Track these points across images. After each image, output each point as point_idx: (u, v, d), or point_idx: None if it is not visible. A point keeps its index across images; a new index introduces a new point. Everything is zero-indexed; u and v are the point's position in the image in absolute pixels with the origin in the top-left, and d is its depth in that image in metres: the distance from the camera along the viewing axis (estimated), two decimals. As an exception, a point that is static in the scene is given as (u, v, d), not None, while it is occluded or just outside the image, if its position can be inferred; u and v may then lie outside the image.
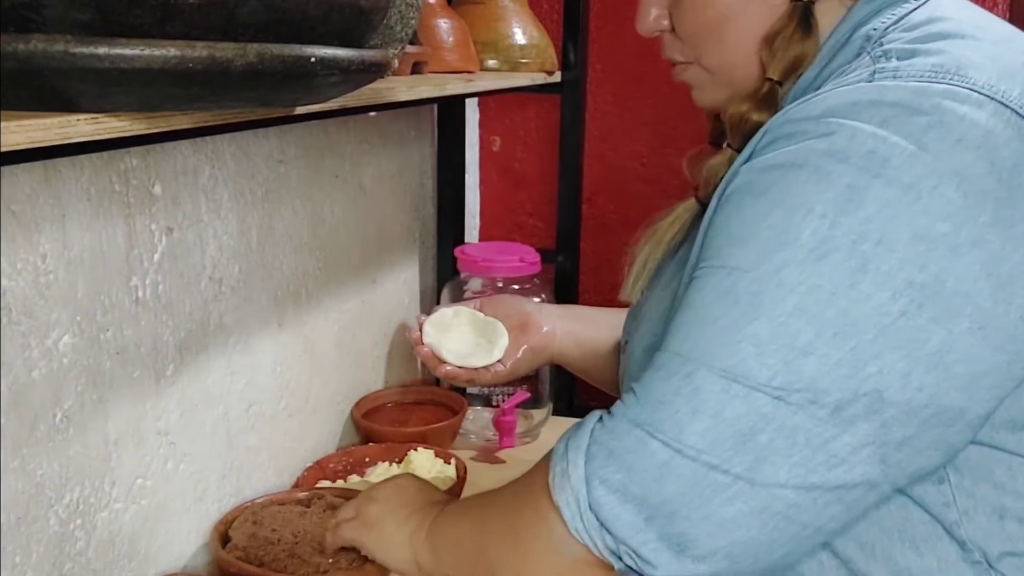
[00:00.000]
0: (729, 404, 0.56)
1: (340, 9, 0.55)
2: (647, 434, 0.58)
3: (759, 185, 0.60)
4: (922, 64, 0.59)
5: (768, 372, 0.56)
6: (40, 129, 0.46)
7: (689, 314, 0.60)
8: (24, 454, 0.77)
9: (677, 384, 0.58)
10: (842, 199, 0.56)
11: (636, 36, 0.78)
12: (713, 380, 0.57)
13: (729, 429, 0.56)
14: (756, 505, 0.57)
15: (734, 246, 0.59)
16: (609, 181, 1.63)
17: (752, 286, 0.57)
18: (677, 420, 0.57)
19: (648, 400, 0.59)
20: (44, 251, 0.77)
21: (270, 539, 0.96)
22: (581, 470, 0.60)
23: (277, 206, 1.10)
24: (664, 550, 0.58)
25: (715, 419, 0.56)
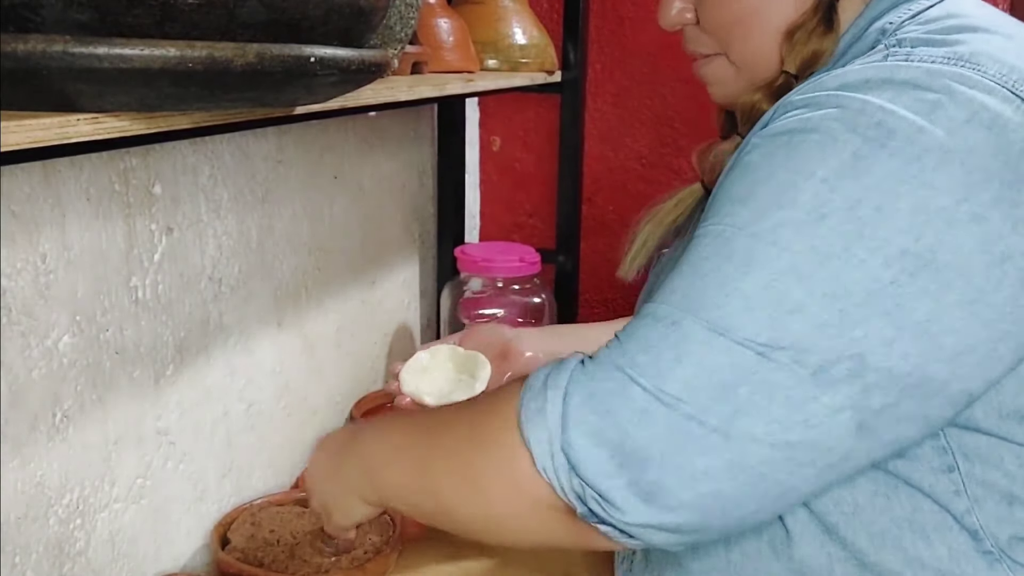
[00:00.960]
0: (712, 355, 0.56)
1: (340, 9, 0.55)
2: (628, 378, 0.57)
3: (766, 148, 0.60)
4: (935, 51, 0.60)
5: (754, 327, 0.56)
6: (40, 129, 0.46)
7: (683, 268, 0.60)
8: (24, 454, 0.77)
9: (663, 331, 0.58)
10: (846, 165, 0.56)
11: (636, 36, 0.78)
12: (699, 330, 0.57)
13: (709, 380, 0.56)
14: (729, 458, 0.56)
15: (734, 204, 0.59)
16: (609, 181, 1.63)
17: (747, 242, 0.57)
18: (659, 367, 0.57)
19: (632, 345, 0.59)
20: (44, 251, 0.77)
21: (269, 540, 0.96)
22: (559, 408, 0.58)
23: (277, 206, 1.10)
24: (633, 496, 0.57)
25: (697, 369, 0.56)
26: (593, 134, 1.62)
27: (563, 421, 0.58)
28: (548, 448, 0.58)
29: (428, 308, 1.58)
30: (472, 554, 1.05)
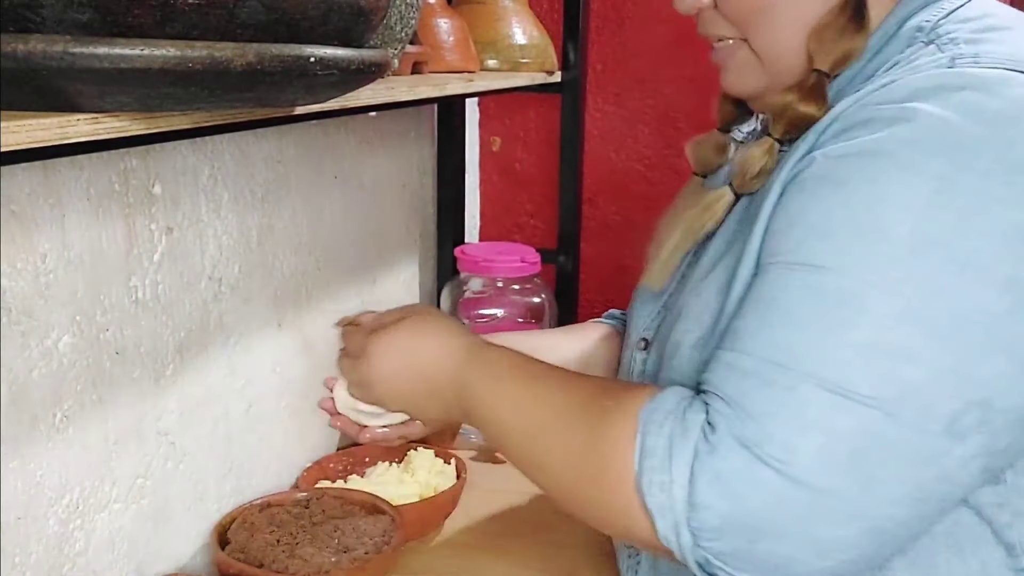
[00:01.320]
0: (838, 421, 0.53)
1: (340, 9, 0.55)
2: (756, 458, 0.54)
3: (839, 174, 0.57)
4: (998, 51, 0.58)
5: (875, 384, 0.53)
6: (40, 129, 0.46)
7: (773, 315, 0.57)
8: (24, 454, 0.77)
9: (780, 396, 0.55)
10: (934, 192, 0.53)
11: (636, 36, 0.78)
12: (819, 393, 0.53)
13: (841, 448, 0.53)
14: (869, 526, 0.54)
15: (817, 240, 0.56)
16: (610, 182, 1.63)
17: (846, 285, 0.54)
18: (786, 440, 0.54)
19: (750, 414, 0.55)
20: (44, 251, 0.77)
21: (269, 540, 0.96)
22: (684, 491, 0.56)
23: (277, 206, 1.10)
24: (761, 568, 0.56)
25: (825, 439, 0.53)
26: (594, 134, 1.62)
27: (690, 502, 0.56)
28: (673, 524, 0.57)
29: (428, 308, 1.58)
30: (473, 553, 1.05)
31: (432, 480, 1.12)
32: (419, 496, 1.09)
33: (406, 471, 1.14)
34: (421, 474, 1.13)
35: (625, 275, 1.05)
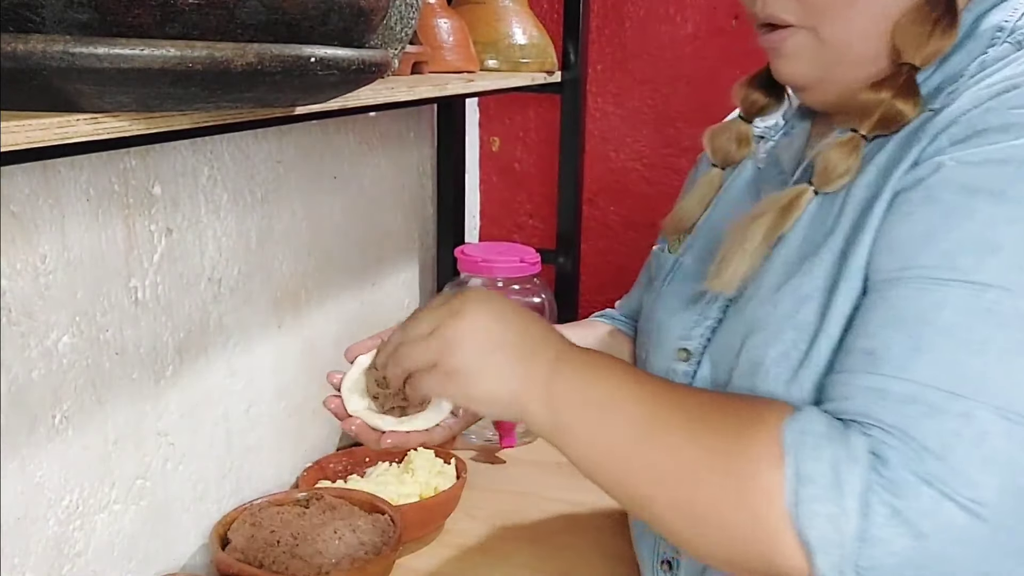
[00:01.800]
0: (1020, 450, 0.51)
1: (340, 9, 0.55)
2: (940, 494, 0.52)
3: (988, 183, 0.55)
4: None
5: None
6: (39, 129, 0.46)
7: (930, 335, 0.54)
8: (23, 455, 0.77)
9: (954, 427, 0.52)
10: None
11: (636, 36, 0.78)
12: (996, 422, 0.51)
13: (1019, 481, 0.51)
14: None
15: (975, 255, 0.54)
16: (610, 182, 1.63)
17: (1015, 304, 0.52)
18: (968, 474, 0.51)
19: (926, 447, 0.52)
20: (44, 252, 0.77)
21: (269, 540, 0.96)
22: (857, 525, 0.53)
23: (276, 207, 1.10)
24: None
25: (1009, 470, 0.51)
26: (594, 134, 1.62)
27: (863, 538, 0.53)
28: (839, 560, 0.53)
29: (428, 308, 1.58)
30: (472, 554, 1.05)
31: (432, 480, 1.12)
32: (419, 496, 1.09)
33: (406, 471, 1.14)
34: (421, 474, 1.13)
35: (625, 275, 1.05)
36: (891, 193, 0.60)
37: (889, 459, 0.53)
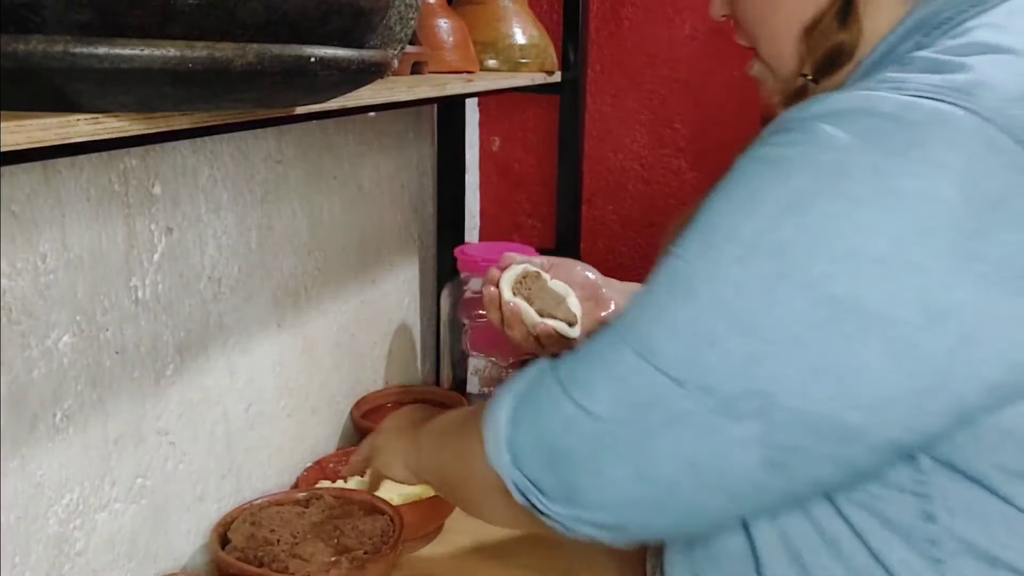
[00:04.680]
0: (634, 378, 0.59)
1: (340, 9, 0.55)
2: (563, 391, 0.62)
3: (739, 175, 0.60)
4: (931, 80, 0.56)
5: (673, 356, 0.58)
6: (40, 129, 0.46)
7: (643, 289, 0.63)
8: (24, 454, 0.77)
9: (602, 350, 0.62)
10: (789, 203, 0.55)
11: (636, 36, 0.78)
12: (629, 353, 0.60)
13: (629, 399, 0.59)
14: (640, 472, 0.60)
15: (692, 232, 0.60)
16: (609, 182, 1.63)
17: (686, 272, 0.59)
18: (590, 382, 0.61)
19: (577, 360, 0.64)
20: (44, 251, 0.77)
21: (269, 539, 0.96)
22: (507, 410, 0.66)
23: (276, 206, 1.10)
24: (559, 494, 0.63)
25: (620, 388, 0.60)
26: (593, 134, 1.62)
27: (509, 422, 0.65)
28: (495, 444, 0.66)
29: (428, 308, 1.58)
30: (471, 554, 1.05)
31: (432, 480, 1.12)
32: (419, 496, 1.09)
33: None
34: (421, 474, 1.13)
35: (623, 274, 1.04)
36: None
37: (555, 364, 0.65)
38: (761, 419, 0.56)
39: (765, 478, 0.58)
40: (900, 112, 0.55)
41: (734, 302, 0.56)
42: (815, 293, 0.54)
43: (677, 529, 0.65)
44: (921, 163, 0.53)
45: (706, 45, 1.50)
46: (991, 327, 0.53)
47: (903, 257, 0.53)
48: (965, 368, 0.54)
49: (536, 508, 0.64)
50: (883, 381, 0.54)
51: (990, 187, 0.53)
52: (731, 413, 0.56)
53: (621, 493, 0.61)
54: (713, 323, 0.57)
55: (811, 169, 0.55)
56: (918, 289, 0.53)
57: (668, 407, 0.58)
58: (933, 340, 0.53)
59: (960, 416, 0.56)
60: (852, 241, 0.54)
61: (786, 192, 0.56)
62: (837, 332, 0.54)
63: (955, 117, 0.54)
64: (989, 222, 0.53)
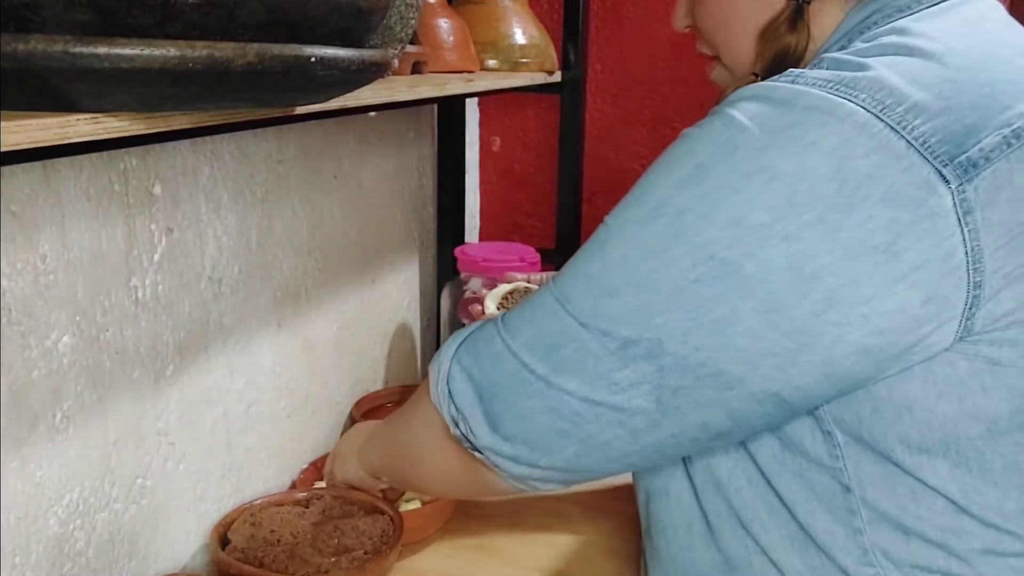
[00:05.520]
0: (550, 321, 0.67)
1: (340, 9, 0.55)
2: (496, 331, 0.70)
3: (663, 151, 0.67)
4: (822, 74, 0.62)
5: (583, 303, 0.65)
6: (40, 129, 0.46)
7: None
8: (24, 454, 0.77)
9: (534, 298, 0.70)
10: (689, 174, 0.62)
11: (636, 36, 0.80)
12: (550, 299, 0.68)
13: (544, 339, 0.67)
14: (548, 404, 0.67)
15: (621, 200, 0.68)
16: (609, 182, 1.63)
17: (605, 233, 0.67)
18: (517, 324, 0.69)
19: (515, 307, 0.72)
20: (44, 251, 0.77)
21: (269, 540, 0.96)
22: (451, 349, 0.73)
23: (276, 206, 1.10)
24: (484, 424, 0.70)
25: (538, 329, 0.67)
26: (593, 134, 1.62)
27: (451, 359, 0.72)
28: (436, 379, 0.73)
29: (428, 308, 1.58)
30: (472, 554, 1.05)
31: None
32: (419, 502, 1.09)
33: None
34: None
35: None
36: None
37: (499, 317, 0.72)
38: (652, 362, 0.63)
39: (658, 416, 0.65)
40: (788, 98, 0.61)
41: (634, 259, 0.63)
42: (701, 254, 0.61)
43: (584, 462, 0.69)
44: (796, 142, 0.59)
45: (706, 45, 1.50)
46: (854, 292, 0.58)
47: (776, 226, 0.59)
48: (830, 328, 0.60)
49: (467, 440, 0.71)
50: (756, 336, 0.61)
51: (859, 166, 0.58)
52: (627, 356, 0.64)
53: (533, 424, 0.68)
54: (616, 276, 0.64)
55: (711, 146, 0.63)
56: (789, 255, 0.59)
57: (575, 348, 0.65)
58: (800, 302, 0.59)
59: (836, 378, 0.62)
60: (735, 210, 0.60)
61: (689, 163, 0.63)
62: (719, 290, 0.60)
63: (834, 104, 0.59)
64: (856, 198, 0.58)
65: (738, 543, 0.72)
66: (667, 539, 0.78)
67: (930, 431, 0.63)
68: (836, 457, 0.66)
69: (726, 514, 0.72)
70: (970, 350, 0.61)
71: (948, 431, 0.63)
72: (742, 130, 0.61)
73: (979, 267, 0.59)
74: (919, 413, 0.63)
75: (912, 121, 0.58)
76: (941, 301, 0.59)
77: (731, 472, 0.72)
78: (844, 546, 0.67)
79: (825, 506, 0.67)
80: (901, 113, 0.59)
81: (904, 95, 0.59)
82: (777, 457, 0.69)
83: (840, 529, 0.67)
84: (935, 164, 0.58)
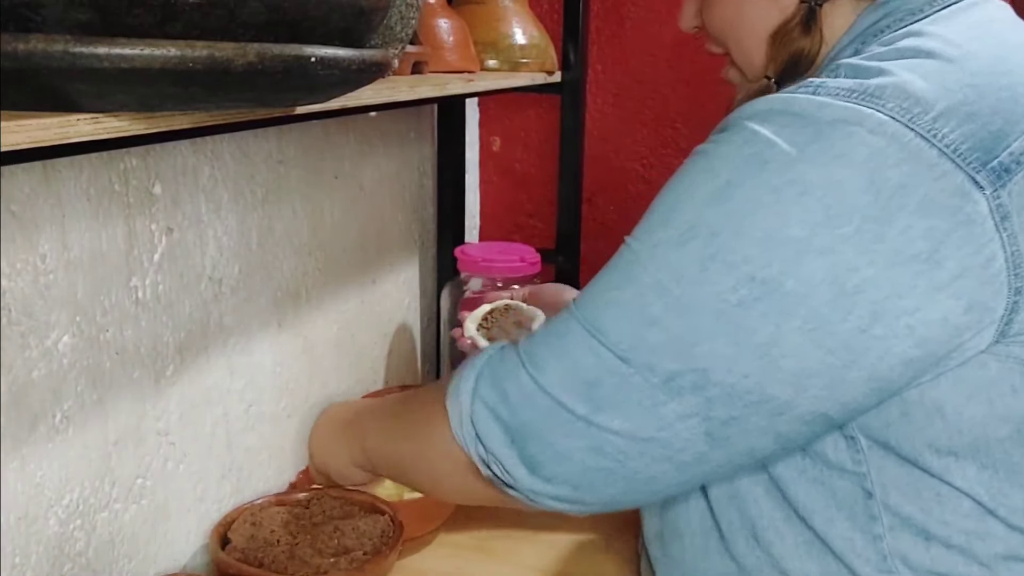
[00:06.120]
0: (584, 355, 0.63)
1: (340, 9, 0.55)
2: (520, 365, 0.66)
3: (679, 170, 0.65)
4: (844, 84, 0.61)
5: (620, 334, 0.62)
6: (40, 129, 0.46)
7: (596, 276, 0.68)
8: (24, 454, 0.77)
9: (557, 327, 0.66)
10: (718, 191, 0.60)
11: (636, 36, 0.80)
12: (580, 331, 0.64)
13: (580, 375, 0.63)
14: (591, 443, 0.64)
15: (643, 219, 0.66)
16: (609, 182, 1.63)
17: (631, 257, 0.64)
18: (544, 358, 0.65)
19: (535, 338, 0.68)
20: (44, 251, 0.77)
21: (269, 540, 0.96)
22: (470, 384, 0.68)
23: (277, 206, 1.10)
24: (521, 466, 0.66)
25: (571, 364, 0.64)
26: (593, 134, 1.62)
27: (472, 396, 0.68)
28: (459, 418, 0.68)
29: (428, 308, 1.58)
30: (472, 554, 1.05)
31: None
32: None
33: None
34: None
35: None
36: None
37: (519, 342, 0.69)
38: (698, 394, 0.61)
39: (706, 448, 0.62)
40: (811, 111, 0.59)
41: (669, 284, 0.61)
42: (739, 274, 0.59)
43: (630, 497, 0.68)
44: (824, 154, 0.58)
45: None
46: (897, 304, 0.57)
47: (814, 240, 0.57)
48: (876, 343, 0.58)
49: (501, 480, 0.68)
50: (802, 356, 0.59)
51: (891, 176, 0.57)
52: (672, 389, 0.61)
53: (575, 465, 0.65)
54: (652, 304, 0.61)
55: (737, 161, 0.60)
56: (829, 270, 0.57)
57: (616, 383, 0.62)
58: (845, 317, 0.58)
59: (881, 390, 0.61)
60: (769, 226, 0.58)
61: (715, 181, 0.61)
62: (759, 311, 0.58)
63: (861, 115, 0.58)
64: (891, 208, 0.57)
65: (751, 552, 0.71)
66: (682, 546, 0.77)
67: (959, 433, 0.62)
68: (859, 462, 0.65)
69: (739, 523, 0.71)
70: (1002, 351, 0.61)
71: (977, 433, 0.62)
72: (769, 145, 0.59)
73: (1019, 272, 0.58)
74: (949, 416, 0.62)
75: (941, 129, 0.58)
76: (982, 308, 0.58)
77: (749, 482, 0.71)
78: (862, 553, 0.66)
79: (845, 513, 0.66)
80: (930, 121, 0.58)
81: (930, 103, 0.58)
82: (797, 465, 0.68)
83: (859, 535, 0.66)
84: (968, 171, 0.57)
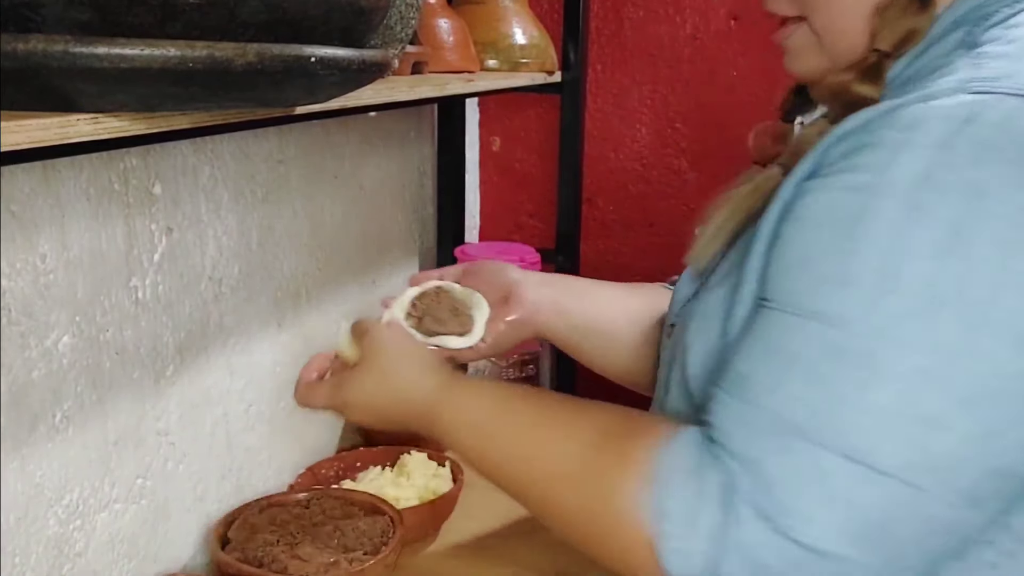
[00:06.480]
0: (860, 494, 0.51)
1: (340, 9, 0.55)
2: (772, 528, 0.52)
3: (842, 211, 0.54)
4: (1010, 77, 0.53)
5: (895, 451, 0.50)
6: (40, 129, 0.46)
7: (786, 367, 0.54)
8: (24, 454, 0.77)
9: (798, 464, 0.52)
10: (948, 238, 0.50)
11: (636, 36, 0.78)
12: (840, 463, 0.51)
13: (865, 521, 0.51)
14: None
15: (827, 286, 0.53)
16: (609, 182, 1.63)
17: (864, 343, 0.51)
18: (809, 513, 0.52)
19: (769, 482, 0.53)
20: (44, 251, 0.77)
21: (269, 540, 0.96)
22: (706, 561, 0.54)
23: (277, 206, 1.10)
24: None
25: (848, 512, 0.51)
26: (593, 134, 1.61)
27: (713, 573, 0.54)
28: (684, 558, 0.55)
29: (428, 308, 1.58)
30: (471, 554, 1.05)
31: (430, 483, 1.12)
32: (419, 499, 1.09)
33: (400, 475, 1.14)
34: (417, 478, 1.13)
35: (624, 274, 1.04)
36: (782, 206, 0.59)
37: (738, 491, 0.54)
38: (1000, 496, 0.52)
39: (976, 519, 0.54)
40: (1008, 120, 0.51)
41: (940, 368, 0.49)
42: (1014, 334, 0.49)
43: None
44: None
45: (708, 44, 1.50)
46: None
47: None
48: None
49: None
50: None
51: None
52: (974, 501, 0.51)
53: None
54: (925, 399, 0.50)
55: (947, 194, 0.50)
56: None
57: (910, 517, 0.51)
58: None
59: None
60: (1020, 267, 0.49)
61: (936, 226, 0.50)
62: None
63: None
64: None
65: None
66: None
67: None
68: None
69: None
70: None
71: None
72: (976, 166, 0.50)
73: None
74: None
75: None
76: None
77: None
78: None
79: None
80: None
81: None
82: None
83: None
84: None
